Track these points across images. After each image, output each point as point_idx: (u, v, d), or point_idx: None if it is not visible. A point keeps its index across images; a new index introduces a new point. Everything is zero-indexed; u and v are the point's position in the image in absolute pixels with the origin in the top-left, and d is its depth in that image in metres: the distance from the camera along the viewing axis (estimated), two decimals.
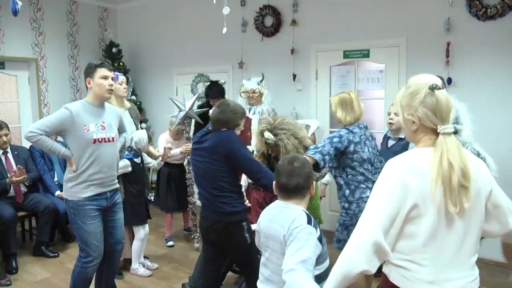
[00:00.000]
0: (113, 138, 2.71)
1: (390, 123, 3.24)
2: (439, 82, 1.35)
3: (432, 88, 1.32)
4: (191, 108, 3.80)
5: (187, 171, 4.01)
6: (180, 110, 3.80)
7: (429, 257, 1.28)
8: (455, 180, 1.24)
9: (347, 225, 2.76)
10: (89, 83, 2.65)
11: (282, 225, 1.69)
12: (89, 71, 2.64)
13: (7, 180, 3.78)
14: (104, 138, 2.65)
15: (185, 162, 4.02)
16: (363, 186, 2.72)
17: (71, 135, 2.58)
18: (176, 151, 4.04)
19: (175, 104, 3.85)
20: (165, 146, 3.93)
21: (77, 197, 2.61)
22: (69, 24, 5.72)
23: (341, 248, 2.45)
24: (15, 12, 2.48)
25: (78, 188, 2.61)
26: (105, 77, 2.63)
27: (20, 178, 3.75)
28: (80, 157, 2.59)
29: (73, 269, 2.76)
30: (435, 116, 1.32)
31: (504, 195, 1.44)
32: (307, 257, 1.54)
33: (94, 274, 2.81)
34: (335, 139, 2.63)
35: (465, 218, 1.30)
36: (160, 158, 3.93)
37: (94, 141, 2.59)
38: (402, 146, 3.05)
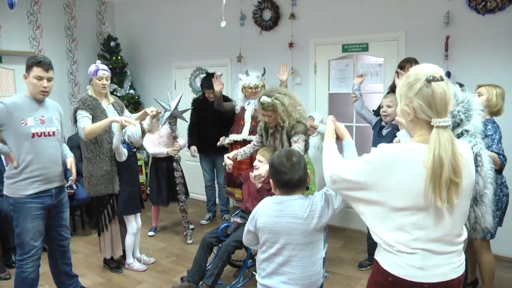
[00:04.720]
0: (53, 132, 2.63)
1: (384, 115, 3.18)
2: (437, 74, 1.31)
3: (429, 79, 1.30)
4: (176, 108, 3.82)
5: (175, 169, 4.03)
6: (166, 110, 3.82)
7: (419, 247, 1.32)
8: (445, 176, 1.25)
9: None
10: (26, 78, 2.56)
11: (297, 216, 1.77)
12: (27, 66, 2.53)
13: None
14: (44, 132, 2.57)
15: (174, 163, 4.05)
16: None
17: (8, 129, 2.50)
18: (162, 150, 4.12)
19: (160, 104, 3.84)
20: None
21: (18, 194, 2.53)
22: (66, 18, 5.69)
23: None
24: (11, 5, 2.47)
25: (21, 185, 2.52)
26: (39, 78, 2.51)
27: None
28: (20, 153, 2.51)
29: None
30: (429, 109, 1.30)
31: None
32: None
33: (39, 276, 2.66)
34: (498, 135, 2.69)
35: (453, 211, 1.33)
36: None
37: (33, 135, 2.52)
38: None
